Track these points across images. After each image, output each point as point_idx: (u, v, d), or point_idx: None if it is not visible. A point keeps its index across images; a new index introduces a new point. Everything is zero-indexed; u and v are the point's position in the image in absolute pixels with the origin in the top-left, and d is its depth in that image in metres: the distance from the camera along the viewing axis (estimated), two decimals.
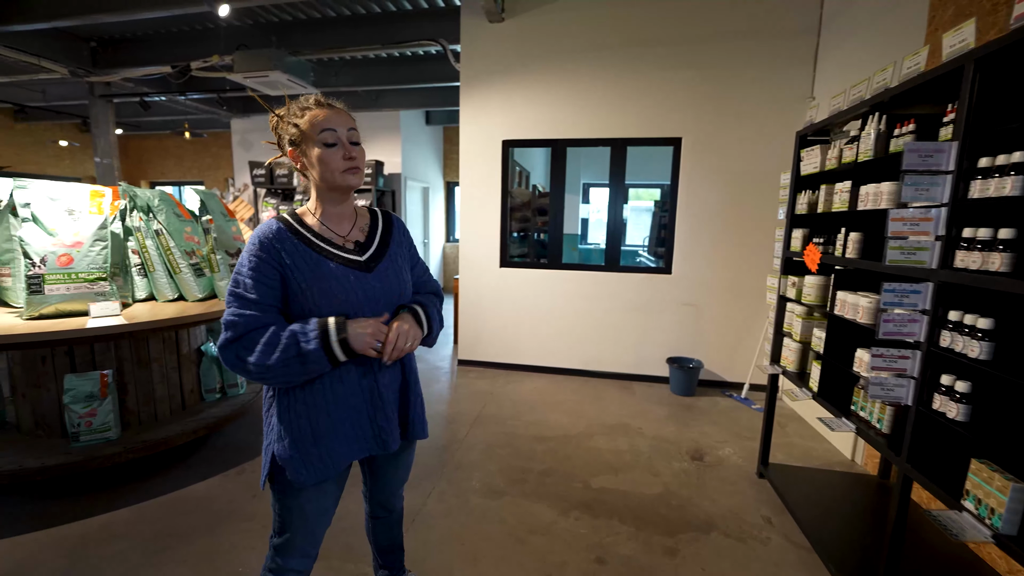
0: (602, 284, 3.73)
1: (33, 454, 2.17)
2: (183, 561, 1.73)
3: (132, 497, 2.11)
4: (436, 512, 2.03)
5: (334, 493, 1.13)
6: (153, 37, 4.64)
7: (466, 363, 4.08)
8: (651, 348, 3.72)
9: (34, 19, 3.76)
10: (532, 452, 2.58)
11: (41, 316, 2.10)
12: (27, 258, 2.06)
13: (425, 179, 7.27)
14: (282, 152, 1.11)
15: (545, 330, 3.88)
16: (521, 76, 3.66)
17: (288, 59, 4.23)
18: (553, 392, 3.50)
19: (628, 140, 3.57)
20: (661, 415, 3.13)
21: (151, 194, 2.58)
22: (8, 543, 1.82)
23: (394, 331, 1.05)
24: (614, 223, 3.72)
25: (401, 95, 5.93)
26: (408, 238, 1.25)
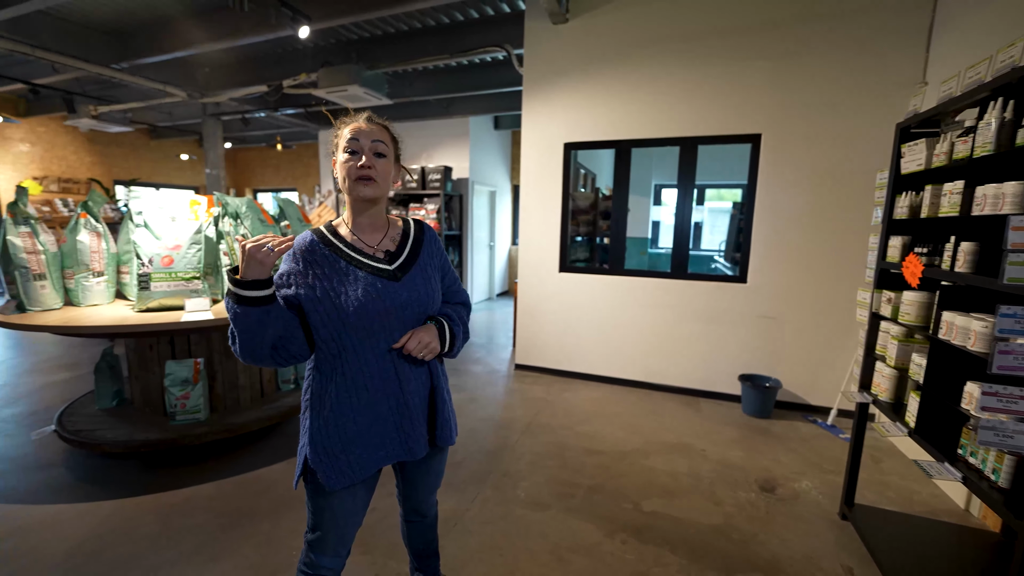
0: (668, 292, 3.52)
1: (141, 429, 2.50)
2: (248, 539, 1.89)
3: (213, 474, 2.35)
4: (478, 519, 2.03)
5: (363, 496, 1.16)
6: (252, 60, 5.19)
7: (523, 368, 4.06)
8: (722, 363, 3.44)
9: (160, 52, 4.36)
10: (582, 466, 2.48)
11: (148, 309, 2.40)
12: (138, 259, 2.38)
13: (492, 183, 7.39)
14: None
15: (605, 338, 3.74)
16: (584, 77, 3.56)
17: (365, 73, 4.50)
18: (610, 403, 3.36)
19: (699, 139, 3.33)
20: (729, 437, 2.87)
21: (239, 202, 2.86)
22: (116, 504, 2.10)
23: (413, 339, 1.07)
24: (682, 227, 3.49)
25: (470, 102, 6.07)
26: (439, 248, 1.26)
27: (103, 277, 2.59)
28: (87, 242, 2.53)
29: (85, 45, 4.37)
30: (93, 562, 1.74)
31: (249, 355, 1.00)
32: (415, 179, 3.44)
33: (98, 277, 2.57)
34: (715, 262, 6.07)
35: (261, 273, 0.95)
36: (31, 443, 2.63)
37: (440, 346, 1.14)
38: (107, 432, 2.45)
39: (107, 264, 2.61)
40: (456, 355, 1.24)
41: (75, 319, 2.26)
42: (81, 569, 1.70)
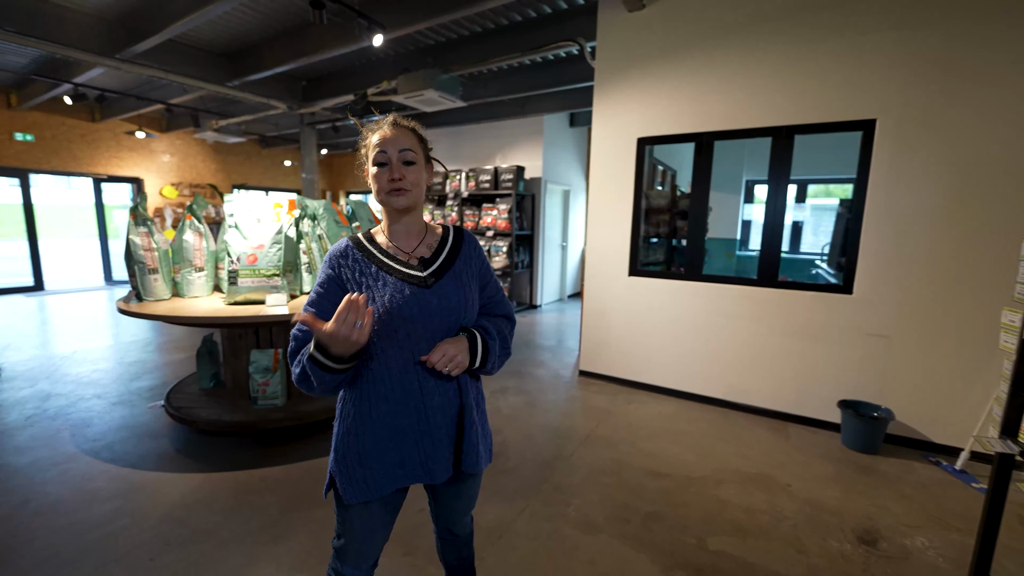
0: (755, 301, 3.14)
1: (228, 410, 2.76)
2: (304, 524, 1.98)
3: (284, 458, 2.51)
4: (524, 533, 1.94)
5: (382, 516, 1.11)
6: (341, 72, 5.57)
7: (587, 375, 3.89)
8: (818, 385, 2.99)
9: (264, 68, 4.83)
10: (641, 488, 2.28)
11: (236, 302, 2.64)
12: (229, 256, 2.62)
13: (566, 182, 7.24)
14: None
15: (678, 349, 3.45)
16: (661, 67, 3.30)
17: (440, 77, 4.62)
18: (679, 421, 3.08)
19: (795, 128, 2.92)
20: (822, 472, 2.48)
21: (317, 204, 3.05)
22: (203, 477, 2.33)
23: (438, 352, 1.01)
24: (773, 229, 3.09)
25: (544, 100, 5.98)
26: (480, 256, 1.18)
27: (203, 272, 2.90)
28: (191, 241, 2.84)
29: (205, 67, 4.99)
30: (179, 528, 1.94)
31: (320, 395, 1.03)
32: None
33: (199, 272, 2.88)
34: (816, 267, 5.37)
35: (348, 349, 0.91)
36: (146, 414, 3.02)
37: (470, 361, 1.06)
38: (202, 411, 2.74)
39: (207, 260, 2.92)
40: (492, 372, 1.15)
41: (179, 309, 2.54)
42: (168, 534, 1.90)
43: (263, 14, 4.21)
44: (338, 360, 0.93)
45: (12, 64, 5.63)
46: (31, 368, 3.86)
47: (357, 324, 0.88)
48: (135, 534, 1.89)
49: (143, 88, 6.19)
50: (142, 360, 4.14)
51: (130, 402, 3.22)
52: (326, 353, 0.92)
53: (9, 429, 2.79)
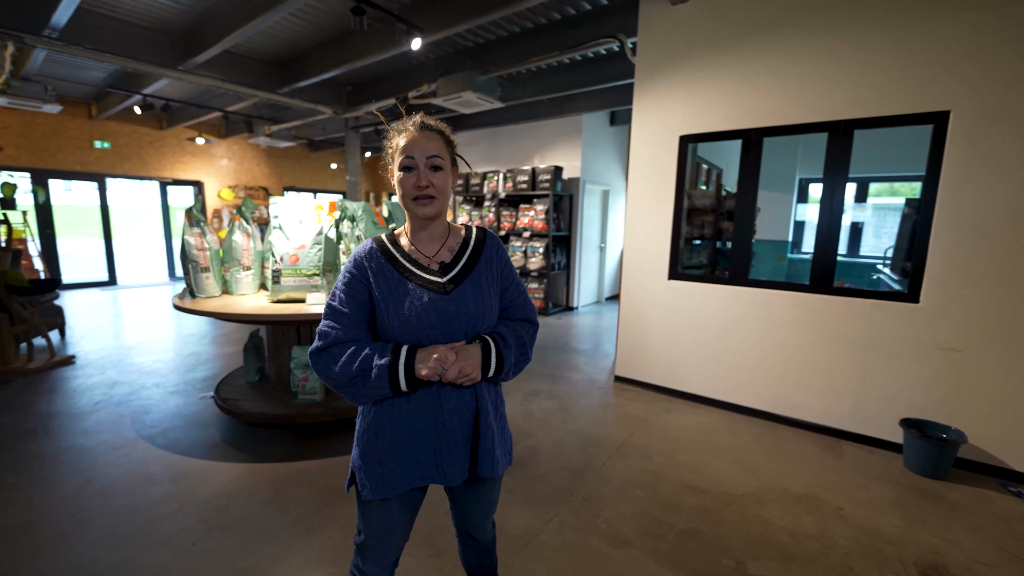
0: (808, 309, 2.94)
1: (271, 404, 2.87)
2: (336, 519, 2.02)
3: (319, 452, 2.59)
4: (550, 544, 1.89)
5: (400, 515, 1.12)
6: (384, 76, 5.71)
7: (623, 380, 3.77)
8: (877, 401, 2.76)
9: (311, 75, 5.03)
10: (677, 503, 2.18)
11: (279, 301, 2.75)
12: (273, 256, 2.73)
13: (606, 182, 7.09)
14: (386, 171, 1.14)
15: (720, 357, 3.28)
16: (706, 61, 3.15)
17: (478, 79, 4.63)
18: (720, 433, 2.92)
19: (854, 122, 2.70)
20: (880, 497, 2.27)
21: (356, 206, 3.12)
22: (245, 467, 2.43)
23: (454, 368, 1.00)
24: (828, 231, 2.87)
25: (584, 99, 5.88)
26: (502, 258, 1.16)
27: (250, 271, 3.04)
28: (239, 241, 2.99)
29: (257, 76, 5.25)
30: (220, 516, 2.03)
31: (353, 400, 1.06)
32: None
33: (246, 271, 3.02)
34: (878, 273, 4.99)
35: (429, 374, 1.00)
36: (197, 404, 3.21)
37: (483, 372, 1.04)
38: (247, 403, 2.87)
39: (254, 260, 3.06)
40: (508, 379, 1.13)
41: (227, 306, 2.67)
42: (211, 521, 1.99)
43: (309, 23, 4.38)
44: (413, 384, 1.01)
45: (92, 79, 6.15)
46: (101, 357, 4.19)
47: (442, 370, 0.99)
48: (181, 519, 2.00)
49: (203, 97, 6.61)
50: (197, 352, 4.41)
51: (184, 392, 3.43)
52: (411, 370, 0.99)
53: (80, 413, 3.03)
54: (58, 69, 5.70)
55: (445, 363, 0.99)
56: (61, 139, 7.22)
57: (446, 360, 0.99)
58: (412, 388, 1.01)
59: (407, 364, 0.99)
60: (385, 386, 0.99)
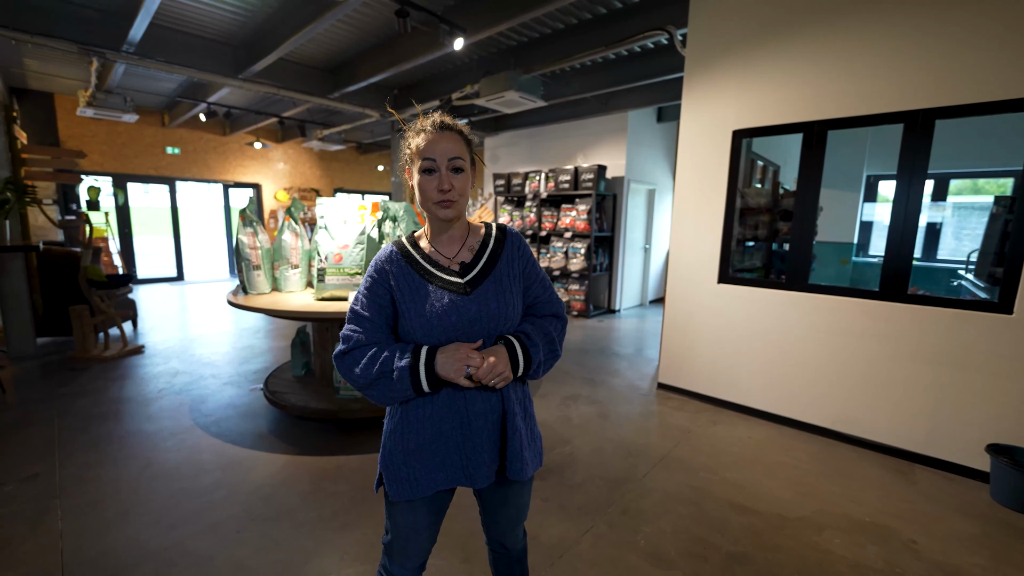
0: (876, 317, 2.68)
1: (314, 398, 2.96)
2: (371, 516, 2.04)
3: (359, 448, 2.63)
4: (586, 557, 1.81)
5: (426, 516, 1.10)
6: (430, 78, 5.79)
7: (666, 388, 3.61)
8: (958, 423, 2.47)
9: (359, 79, 5.18)
10: (724, 523, 2.03)
11: (323, 298, 2.82)
12: (318, 255, 2.81)
13: (651, 180, 6.86)
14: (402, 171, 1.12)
15: (774, 367, 3.06)
16: (763, 50, 2.94)
17: (521, 78, 4.59)
18: (773, 449, 2.72)
19: (937, 111, 2.43)
20: (962, 531, 2.02)
21: (398, 206, 3.16)
22: (288, 459, 2.51)
23: (484, 368, 0.97)
24: (903, 232, 2.60)
25: (630, 95, 5.71)
26: (524, 255, 1.13)
27: (298, 269, 3.15)
28: (288, 240, 3.10)
29: (309, 82, 5.47)
30: (263, 505, 2.10)
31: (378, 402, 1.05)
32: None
33: (294, 269, 3.13)
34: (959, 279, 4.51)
35: (449, 375, 0.98)
36: (248, 395, 3.36)
37: (512, 371, 1.01)
38: (292, 397, 2.97)
39: (301, 258, 3.17)
40: (537, 377, 1.09)
41: (276, 303, 2.77)
42: (254, 510, 2.06)
43: (357, 28, 4.50)
44: (436, 385, 0.99)
45: (165, 89, 6.65)
46: (167, 348, 4.50)
47: (467, 370, 0.97)
48: (228, 506, 2.08)
49: (261, 103, 6.98)
50: (251, 345, 4.65)
51: (237, 383, 3.61)
52: (431, 370, 0.97)
53: (145, 399, 3.26)
54: (135, 81, 6.20)
55: (470, 362, 0.97)
56: (138, 146, 7.87)
57: (470, 360, 0.97)
58: (435, 388, 0.99)
59: (427, 364, 0.97)
60: (407, 387, 0.98)
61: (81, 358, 4.03)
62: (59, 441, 2.62)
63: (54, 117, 6.94)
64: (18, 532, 1.88)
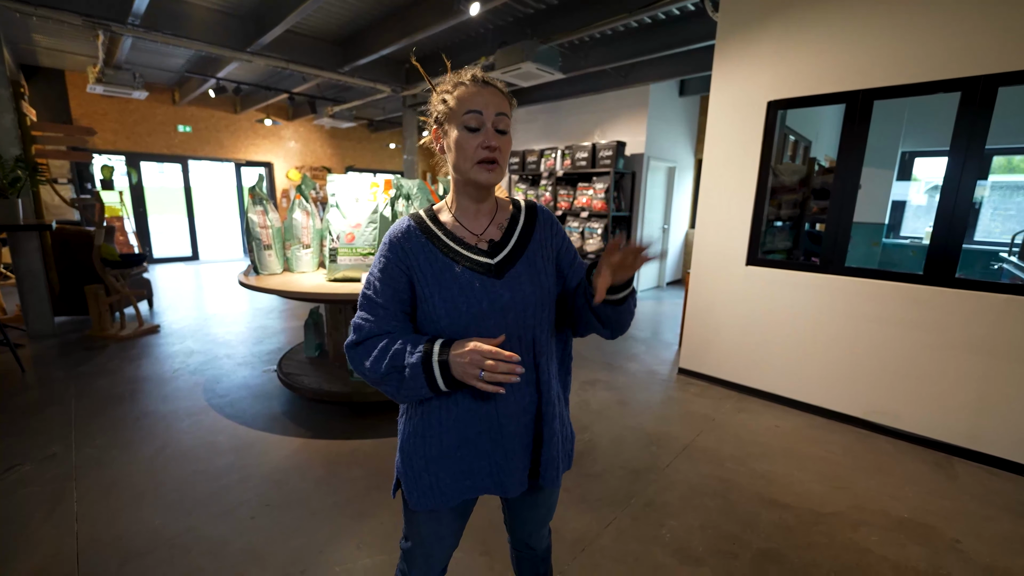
0: (918, 303, 2.51)
1: (328, 380, 2.91)
2: (387, 505, 1.98)
3: (374, 432, 2.58)
4: (610, 552, 1.74)
5: (451, 524, 1.01)
6: (443, 50, 5.57)
7: (687, 373, 3.49)
8: (1004, 415, 2.32)
9: (370, 52, 4.99)
10: (754, 518, 1.94)
11: (335, 279, 2.74)
12: (330, 235, 2.72)
13: (672, 158, 6.60)
14: (429, 131, 0.98)
15: (806, 354, 2.92)
16: (803, 12, 2.71)
17: (538, 48, 4.37)
18: (803, 440, 2.60)
19: (998, 77, 2.20)
20: (1009, 531, 1.90)
21: (411, 184, 3.04)
22: (301, 442, 2.47)
23: (503, 359, 0.82)
24: (954, 212, 2.41)
25: (652, 66, 5.43)
26: (557, 231, 1.01)
27: (309, 249, 3.06)
28: (299, 219, 3.01)
29: (319, 55, 5.30)
30: (276, 490, 2.06)
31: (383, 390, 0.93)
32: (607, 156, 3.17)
33: (306, 249, 3.05)
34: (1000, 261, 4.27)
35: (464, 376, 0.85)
36: (261, 376, 3.34)
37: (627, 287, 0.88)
38: (306, 379, 2.93)
39: (313, 238, 3.09)
40: (628, 321, 0.94)
41: (288, 284, 2.70)
42: (267, 494, 2.03)
43: None
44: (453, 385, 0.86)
45: (173, 65, 6.53)
46: (183, 327, 4.51)
47: (481, 373, 0.81)
48: (241, 491, 2.05)
49: (271, 79, 6.83)
50: (264, 325, 4.63)
51: (251, 364, 3.59)
52: (447, 367, 0.84)
53: (160, 379, 3.25)
54: (143, 57, 6.09)
55: (480, 363, 0.81)
56: (150, 124, 7.81)
57: (481, 359, 0.82)
58: (452, 387, 0.86)
59: (442, 360, 0.84)
60: (422, 386, 0.85)
61: (98, 337, 4.04)
62: (76, 422, 2.62)
63: (66, 95, 6.89)
64: (36, 514, 1.87)
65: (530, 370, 0.93)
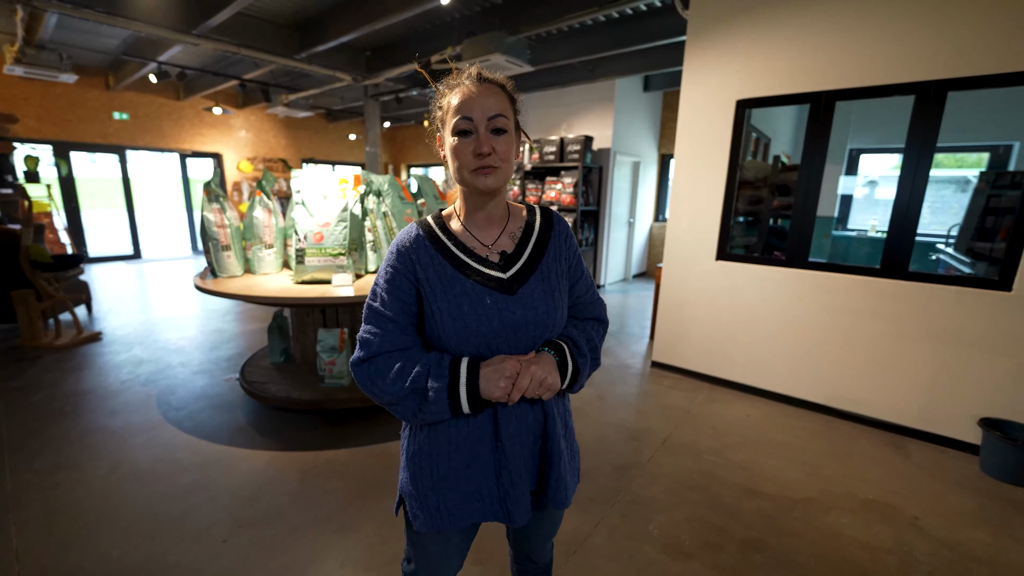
0: (879, 295, 2.65)
1: (297, 387, 2.76)
2: (372, 516, 1.91)
3: (351, 440, 2.48)
4: (601, 552, 1.74)
5: (458, 544, 0.97)
6: (405, 40, 5.38)
7: (661, 367, 3.57)
8: (951, 398, 2.51)
9: (330, 39, 4.74)
10: (736, 508, 2.00)
11: (303, 282, 2.59)
12: (296, 234, 2.56)
13: (636, 152, 6.70)
14: (433, 137, 0.93)
15: (773, 345, 3.04)
16: (772, 13, 2.78)
17: (507, 40, 4.29)
18: (774, 428, 2.72)
19: (951, 81, 2.35)
20: (961, 506, 2.06)
21: (382, 180, 2.92)
22: (271, 455, 2.34)
23: (525, 375, 0.80)
24: (908, 208, 2.56)
25: (619, 61, 5.47)
26: (571, 247, 0.96)
27: (272, 249, 2.88)
28: (260, 217, 2.82)
29: (273, 40, 4.99)
30: (249, 508, 1.93)
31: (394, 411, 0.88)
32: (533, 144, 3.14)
33: (268, 249, 2.87)
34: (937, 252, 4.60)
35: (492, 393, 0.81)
36: (222, 385, 3.13)
37: (558, 382, 0.85)
38: (273, 386, 2.77)
39: (276, 237, 2.91)
40: (577, 391, 0.95)
41: (250, 287, 2.53)
42: (239, 514, 1.90)
43: None
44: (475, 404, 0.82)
45: (107, 46, 5.97)
46: (128, 333, 4.16)
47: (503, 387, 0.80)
48: (210, 511, 1.91)
49: (219, 64, 6.38)
50: (221, 329, 4.35)
51: (209, 371, 3.36)
52: (474, 390, 0.80)
53: (107, 392, 2.99)
54: (72, 36, 5.53)
55: (515, 379, 0.80)
56: (81, 110, 7.12)
57: (515, 377, 0.80)
58: (476, 410, 0.83)
59: (470, 384, 0.80)
60: (444, 410, 0.81)
61: (30, 347, 3.67)
62: (9, 444, 2.36)
63: None
64: None
65: None
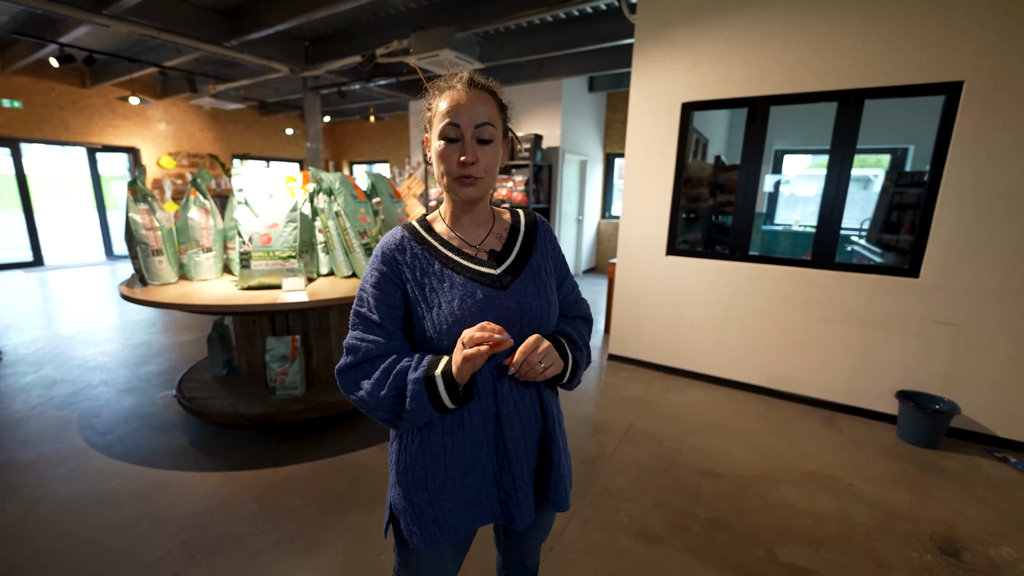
0: (809, 284, 2.91)
1: (245, 401, 2.57)
2: (342, 531, 1.82)
3: (310, 454, 2.35)
4: (576, 545, 1.78)
5: (454, 558, 0.95)
6: (348, 30, 5.14)
7: (617, 359, 3.70)
8: (873, 375, 2.80)
9: (265, 26, 4.44)
10: (697, 490, 2.12)
11: (249, 287, 2.42)
12: (240, 237, 2.38)
13: (583, 151, 6.87)
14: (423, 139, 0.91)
15: (720, 334, 3.24)
16: (713, 22, 2.95)
17: (456, 36, 4.23)
18: (726, 412, 2.90)
19: (867, 91, 2.61)
20: (884, 471, 2.31)
21: (333, 177, 2.78)
22: (221, 476, 2.16)
23: (531, 343, 0.79)
24: (833, 205, 2.82)
25: (565, 62, 5.57)
26: (556, 247, 0.98)
27: (211, 253, 2.66)
28: (197, 219, 2.60)
29: (199, 26, 4.58)
30: (203, 536, 1.78)
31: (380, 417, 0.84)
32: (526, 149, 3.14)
33: (207, 253, 2.65)
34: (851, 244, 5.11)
35: (464, 369, 0.77)
36: (156, 403, 2.85)
37: (561, 363, 0.85)
38: (216, 402, 2.57)
39: (214, 240, 2.69)
40: (574, 387, 0.96)
41: (187, 295, 2.32)
42: (192, 544, 1.74)
43: None
44: (453, 393, 0.78)
45: None
46: (34, 351, 3.68)
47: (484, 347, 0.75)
48: (156, 543, 1.74)
49: (135, 50, 5.77)
50: (148, 342, 3.96)
51: (139, 389, 3.06)
52: (449, 379, 0.77)
53: (14, 420, 2.63)
54: None
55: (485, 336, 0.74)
56: None
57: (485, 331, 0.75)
58: (458, 402, 0.79)
59: (446, 372, 0.77)
60: (425, 404, 0.77)
61: None
62: None
63: None
64: None
65: (533, 391, 0.90)
